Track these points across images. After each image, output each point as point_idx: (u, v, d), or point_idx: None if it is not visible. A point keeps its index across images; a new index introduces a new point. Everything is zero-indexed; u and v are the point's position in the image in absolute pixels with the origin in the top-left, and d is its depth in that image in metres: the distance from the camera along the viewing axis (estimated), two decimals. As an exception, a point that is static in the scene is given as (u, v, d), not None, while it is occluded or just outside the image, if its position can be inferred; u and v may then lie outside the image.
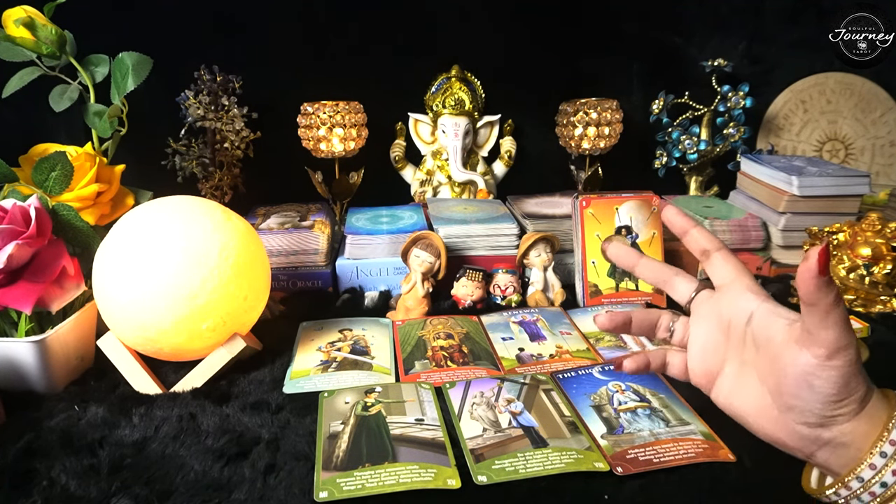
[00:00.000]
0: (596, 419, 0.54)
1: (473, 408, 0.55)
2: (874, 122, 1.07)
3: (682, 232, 0.47)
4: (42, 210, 0.59)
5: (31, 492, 0.45)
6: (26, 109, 0.82)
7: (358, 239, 0.84)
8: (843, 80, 1.07)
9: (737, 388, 0.43)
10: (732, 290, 0.43)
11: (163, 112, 0.94)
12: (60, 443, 0.50)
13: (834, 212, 0.83)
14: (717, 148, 1.04)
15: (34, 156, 0.69)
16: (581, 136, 1.00)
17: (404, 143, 1.08)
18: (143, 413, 0.55)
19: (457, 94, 1.02)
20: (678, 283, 0.48)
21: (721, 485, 0.46)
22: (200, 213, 0.60)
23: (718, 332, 0.44)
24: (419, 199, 1.06)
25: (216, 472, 0.47)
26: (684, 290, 0.47)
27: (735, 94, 1.01)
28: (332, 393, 0.58)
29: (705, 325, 0.45)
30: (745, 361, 0.42)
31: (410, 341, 0.69)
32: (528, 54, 1.07)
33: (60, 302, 0.59)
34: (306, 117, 0.96)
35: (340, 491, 0.45)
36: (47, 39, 0.69)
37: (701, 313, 0.46)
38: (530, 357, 0.66)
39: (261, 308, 0.65)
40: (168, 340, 0.58)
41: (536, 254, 0.80)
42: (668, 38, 1.09)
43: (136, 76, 0.71)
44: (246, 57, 0.98)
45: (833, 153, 1.10)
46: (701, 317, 0.46)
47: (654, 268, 0.49)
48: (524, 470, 0.47)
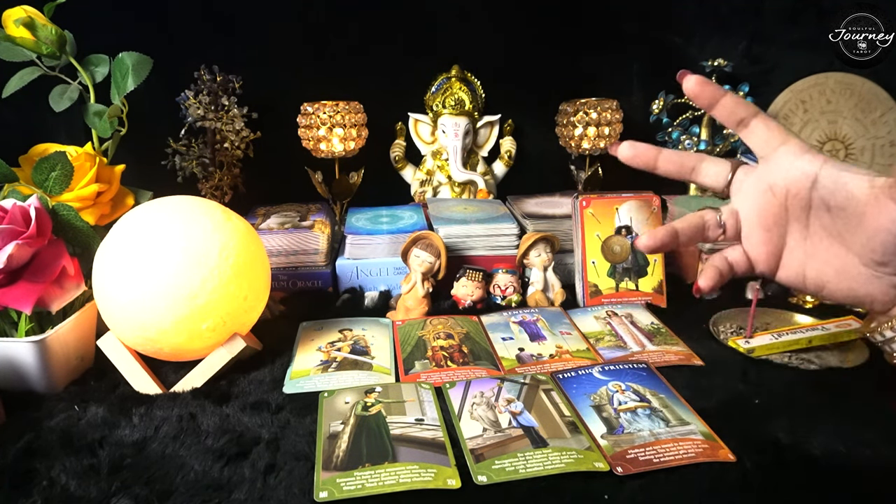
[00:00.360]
0: (596, 419, 0.54)
1: (473, 408, 0.55)
2: (874, 122, 1.07)
3: (711, 102, 0.42)
4: (42, 210, 0.59)
5: (31, 492, 0.45)
6: (26, 109, 0.82)
7: (358, 239, 0.83)
8: (843, 80, 1.07)
9: (810, 257, 0.40)
10: (784, 156, 0.39)
11: (163, 112, 0.94)
12: (60, 443, 0.50)
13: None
14: (717, 148, 1.04)
15: (34, 156, 0.69)
16: (581, 136, 1.00)
17: (404, 143, 1.08)
18: (143, 413, 0.55)
19: (457, 94, 1.02)
20: (707, 168, 0.43)
21: (721, 485, 0.46)
22: (200, 213, 0.59)
23: (775, 205, 0.40)
24: (419, 199, 1.06)
25: (216, 472, 0.47)
26: (718, 174, 0.43)
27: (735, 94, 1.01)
28: (332, 393, 0.58)
29: (756, 203, 0.41)
30: (815, 227, 0.39)
31: (410, 341, 0.69)
32: (528, 54, 1.07)
33: (60, 302, 0.59)
34: (306, 117, 0.96)
35: (340, 491, 0.45)
36: (47, 39, 0.69)
37: (747, 193, 0.41)
38: (530, 357, 0.66)
39: (261, 308, 0.65)
40: (168, 340, 0.58)
41: (536, 254, 0.80)
42: (668, 38, 1.09)
43: (136, 76, 0.71)
44: (246, 57, 0.98)
45: (833, 153, 1.09)
46: (748, 196, 0.41)
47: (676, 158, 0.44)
48: (524, 470, 0.47)
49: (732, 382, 0.60)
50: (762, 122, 0.40)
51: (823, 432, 0.51)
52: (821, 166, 0.38)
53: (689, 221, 0.43)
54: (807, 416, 0.54)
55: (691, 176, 0.44)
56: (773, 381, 0.60)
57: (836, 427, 0.52)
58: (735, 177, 0.42)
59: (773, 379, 0.61)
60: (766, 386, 0.60)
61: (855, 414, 0.54)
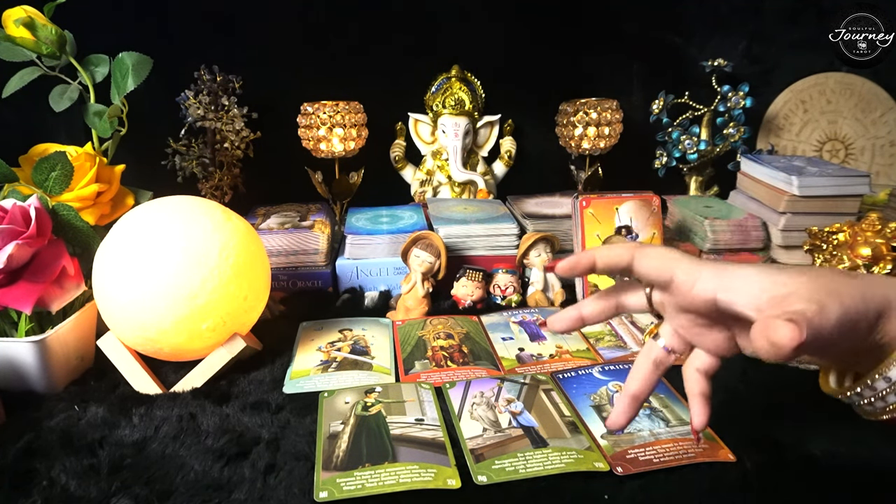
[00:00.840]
0: (596, 419, 0.54)
1: (473, 408, 0.55)
2: (874, 122, 1.07)
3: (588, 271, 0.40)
4: (42, 210, 0.59)
5: (31, 492, 0.45)
6: (26, 109, 0.82)
7: (358, 239, 0.84)
8: (843, 80, 1.07)
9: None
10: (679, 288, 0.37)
11: (163, 112, 0.94)
12: (60, 443, 0.50)
13: (834, 212, 0.83)
14: (717, 148, 1.03)
15: (34, 156, 0.69)
16: (581, 136, 1.00)
17: (404, 143, 1.08)
18: (143, 413, 0.55)
19: (457, 94, 1.02)
20: (628, 300, 0.42)
21: (721, 485, 0.46)
22: (200, 213, 0.59)
23: (700, 317, 0.39)
24: (419, 199, 1.06)
25: (216, 472, 0.47)
26: (637, 301, 0.42)
27: (735, 94, 1.01)
28: (332, 393, 0.58)
29: (684, 318, 0.39)
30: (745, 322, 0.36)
31: (410, 341, 0.69)
32: (528, 54, 1.07)
33: (60, 302, 0.59)
34: (306, 117, 0.96)
35: (340, 491, 0.45)
36: (47, 39, 0.69)
37: (671, 312, 0.40)
38: (530, 357, 0.66)
39: (261, 308, 0.65)
40: (168, 340, 0.58)
41: (536, 254, 0.80)
42: (668, 38, 1.09)
43: (136, 76, 0.71)
44: (246, 57, 0.98)
45: (833, 153, 1.09)
46: (674, 314, 0.40)
47: (597, 306, 0.42)
48: (524, 470, 0.47)
49: (732, 382, 0.60)
50: (642, 263, 0.38)
51: (823, 432, 0.51)
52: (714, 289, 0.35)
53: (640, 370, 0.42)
54: (807, 416, 0.54)
55: (619, 311, 0.43)
56: (773, 381, 0.60)
57: (836, 427, 0.52)
58: (652, 298, 0.41)
59: (773, 379, 0.61)
60: (766, 386, 0.60)
61: (855, 414, 0.54)
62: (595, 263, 0.40)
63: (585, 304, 0.43)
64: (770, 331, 0.30)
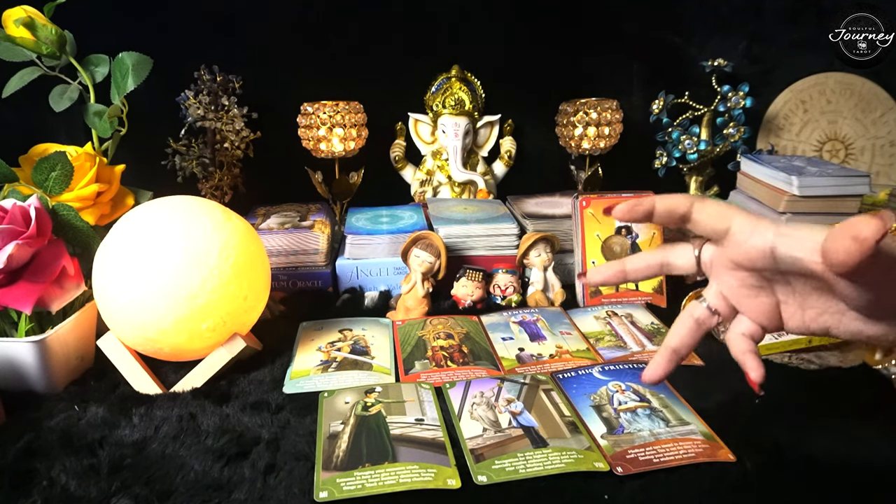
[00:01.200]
0: (596, 419, 0.54)
1: (473, 408, 0.55)
2: (874, 122, 1.07)
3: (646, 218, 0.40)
4: (42, 210, 0.59)
5: (31, 492, 0.45)
6: (26, 109, 0.82)
7: (358, 239, 0.84)
8: (843, 80, 1.07)
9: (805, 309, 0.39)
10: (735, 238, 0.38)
11: (163, 112, 0.94)
12: (60, 443, 0.50)
13: (834, 212, 0.83)
14: (717, 148, 1.03)
15: (34, 156, 0.69)
16: (581, 136, 1.00)
17: (404, 143, 1.08)
18: (143, 413, 0.55)
19: (457, 94, 1.02)
20: (674, 258, 0.42)
21: (721, 485, 0.46)
22: (200, 213, 0.60)
23: (750, 277, 0.39)
24: (419, 199, 1.06)
25: (216, 472, 0.47)
26: (685, 260, 0.41)
27: (735, 94, 1.01)
28: (332, 393, 0.58)
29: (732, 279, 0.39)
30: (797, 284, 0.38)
31: (410, 341, 0.69)
32: (528, 54, 1.07)
33: (60, 302, 0.59)
34: (306, 117, 0.96)
35: (340, 491, 0.45)
36: (47, 39, 0.69)
37: (719, 271, 0.40)
38: (530, 357, 0.66)
39: (261, 308, 0.65)
40: (168, 340, 0.58)
41: (536, 254, 0.80)
42: (668, 38, 1.09)
43: (136, 76, 0.71)
44: (246, 57, 0.98)
45: (833, 153, 1.09)
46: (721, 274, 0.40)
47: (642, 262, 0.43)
48: (524, 470, 0.47)
49: (732, 382, 0.60)
50: (702, 211, 0.39)
51: (823, 432, 0.51)
52: (773, 239, 0.36)
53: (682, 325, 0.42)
54: (807, 416, 0.54)
55: (663, 270, 0.43)
56: (773, 381, 0.60)
57: (836, 427, 0.52)
58: (702, 257, 0.41)
59: (773, 379, 0.60)
60: (766, 386, 0.59)
61: (854, 414, 0.54)
62: (654, 208, 0.40)
63: (631, 259, 0.43)
64: (853, 227, 0.30)
